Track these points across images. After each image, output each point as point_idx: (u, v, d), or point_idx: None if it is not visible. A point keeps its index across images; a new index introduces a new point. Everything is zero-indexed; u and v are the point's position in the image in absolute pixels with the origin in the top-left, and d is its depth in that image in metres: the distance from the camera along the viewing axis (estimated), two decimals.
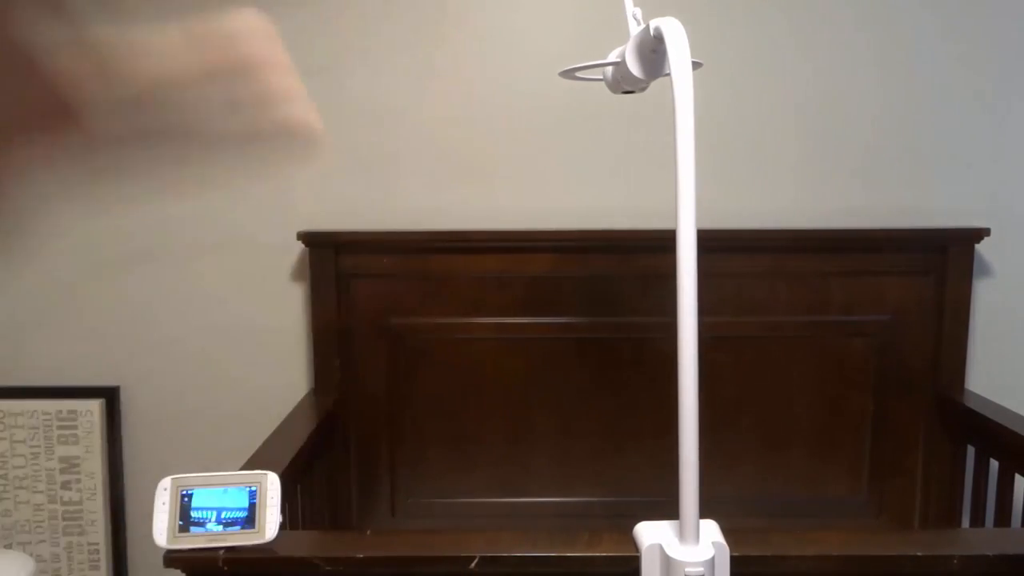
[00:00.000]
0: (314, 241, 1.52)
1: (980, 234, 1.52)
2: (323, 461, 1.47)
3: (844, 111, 1.56)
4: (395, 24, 1.53)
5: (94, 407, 1.60)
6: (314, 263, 1.52)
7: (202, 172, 0.42)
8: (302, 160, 1.56)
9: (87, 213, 1.58)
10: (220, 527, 0.84)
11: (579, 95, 1.53)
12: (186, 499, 0.85)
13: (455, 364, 1.57)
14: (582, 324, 1.56)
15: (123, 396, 1.63)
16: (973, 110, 1.56)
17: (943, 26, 1.53)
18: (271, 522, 0.85)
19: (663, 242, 0.74)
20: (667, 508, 0.78)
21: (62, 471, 1.60)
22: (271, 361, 1.62)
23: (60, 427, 1.60)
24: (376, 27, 1.53)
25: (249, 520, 0.85)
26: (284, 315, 1.61)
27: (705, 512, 0.76)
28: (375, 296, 1.54)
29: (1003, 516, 1.39)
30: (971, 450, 1.52)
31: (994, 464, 1.43)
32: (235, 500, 0.85)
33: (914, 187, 1.58)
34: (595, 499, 1.60)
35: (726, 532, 0.80)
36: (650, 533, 0.79)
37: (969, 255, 1.53)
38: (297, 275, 1.60)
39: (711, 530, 0.79)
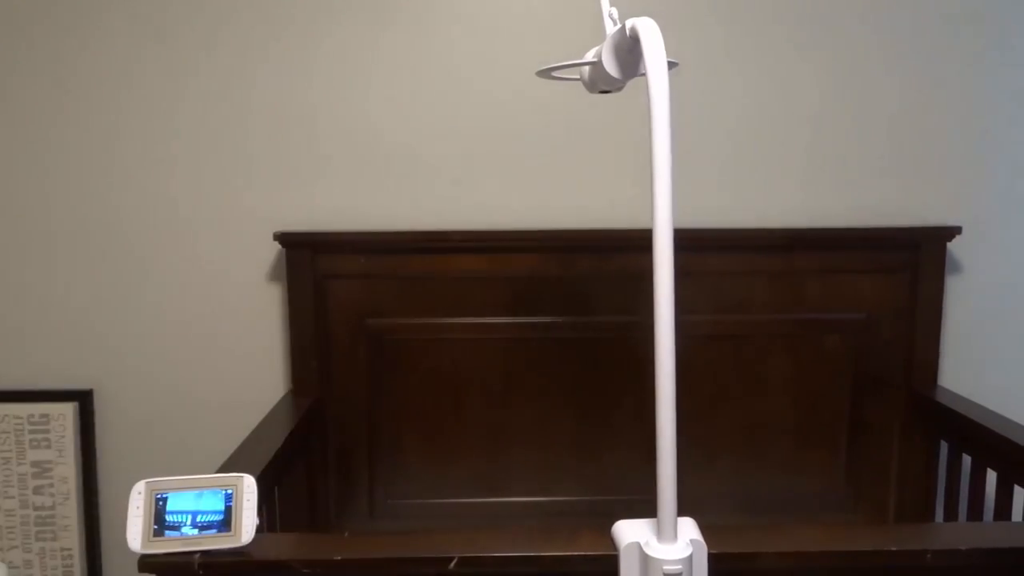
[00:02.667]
0: (291, 242, 1.51)
1: (951, 232, 1.54)
2: (301, 463, 1.46)
3: (819, 113, 1.57)
4: (375, 23, 1.53)
5: (67, 411, 1.57)
6: (291, 264, 1.51)
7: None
8: (279, 160, 1.55)
9: (58, 212, 1.56)
10: (196, 531, 0.83)
11: (558, 94, 1.53)
12: (161, 503, 0.84)
13: (434, 365, 1.56)
14: (562, 324, 1.56)
15: (97, 399, 1.61)
16: (945, 112, 1.58)
17: (918, 25, 1.55)
18: (247, 525, 0.84)
19: (642, 241, 0.74)
20: (646, 506, 0.79)
21: (34, 476, 1.58)
22: (248, 363, 1.61)
23: (32, 431, 1.57)
24: (355, 26, 1.53)
25: (225, 523, 0.84)
26: (261, 316, 1.59)
27: (684, 509, 0.77)
28: (353, 297, 1.54)
29: (975, 510, 1.41)
30: (944, 445, 1.54)
31: (967, 459, 1.45)
32: (211, 503, 0.84)
33: (888, 186, 1.59)
34: (575, 498, 1.60)
35: (704, 529, 0.80)
36: (628, 532, 0.79)
37: (941, 253, 1.55)
38: (274, 276, 1.58)
39: (689, 528, 0.80)
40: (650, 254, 0.70)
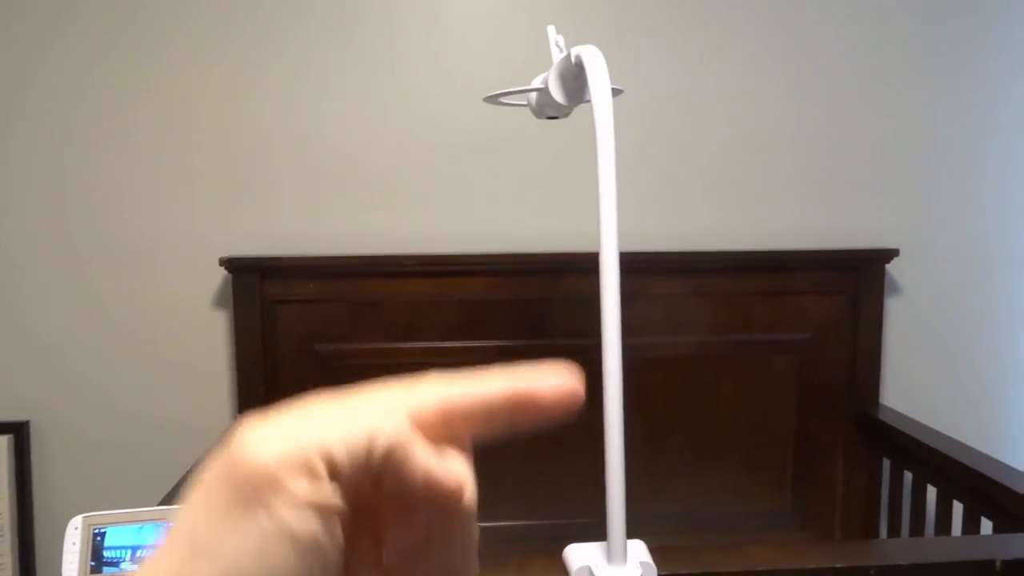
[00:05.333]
0: (237, 266, 1.48)
1: (890, 255, 1.59)
2: None
3: (761, 137, 1.61)
4: (325, 48, 1.52)
5: (1, 443, 1.51)
6: (237, 289, 1.49)
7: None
8: (229, 184, 1.53)
9: None
10: (135, 567, 0.80)
11: (506, 120, 1.55)
12: (99, 538, 0.81)
13: None
14: (515, 347, 1.56)
15: (33, 431, 1.55)
16: (884, 136, 1.63)
17: (855, 54, 1.61)
18: None
19: (590, 264, 0.75)
20: (599, 529, 0.79)
21: None
22: (192, 391, 1.57)
23: None
24: (305, 50, 1.52)
25: None
26: (206, 343, 1.56)
27: (637, 531, 0.77)
28: (302, 322, 1.52)
29: (917, 525, 1.44)
30: (887, 462, 1.58)
31: (908, 475, 1.49)
32: (151, 538, 0.82)
33: (829, 209, 1.64)
34: (527, 522, 1.60)
35: (654, 551, 0.80)
36: (579, 555, 0.79)
37: (880, 274, 1.60)
38: (219, 302, 1.56)
39: (639, 550, 0.80)
40: (598, 277, 0.71)
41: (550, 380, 0.26)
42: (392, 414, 0.23)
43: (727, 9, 1.58)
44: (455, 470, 0.24)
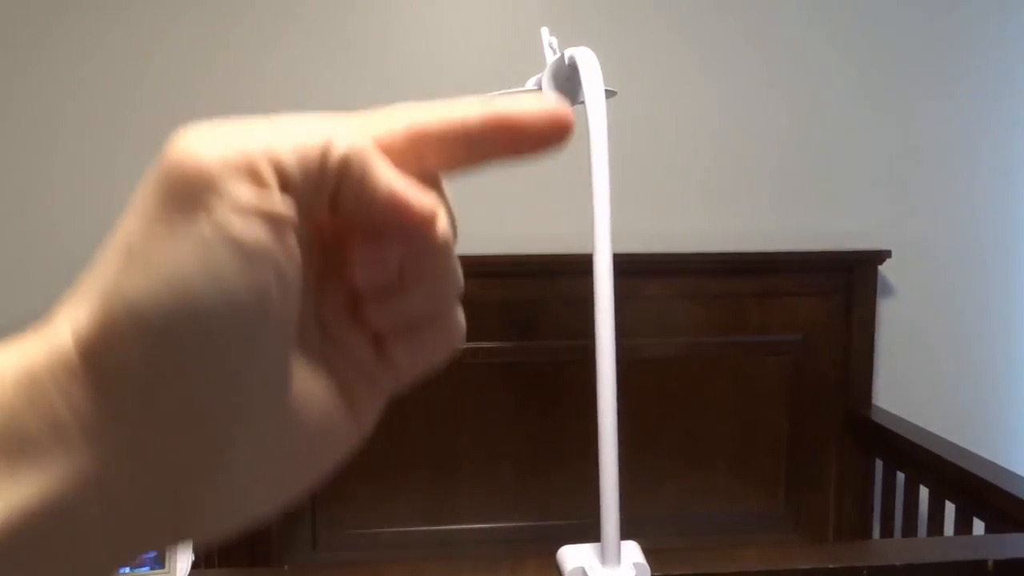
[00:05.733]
0: None
1: (882, 256, 1.60)
2: None
3: (753, 139, 1.62)
4: (317, 49, 1.52)
5: None
6: None
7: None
8: None
9: None
10: (127, 569, 0.80)
11: None
12: None
13: None
14: (505, 348, 1.56)
15: None
16: (876, 138, 1.64)
17: (847, 57, 1.62)
18: (182, 562, 0.81)
19: (584, 266, 0.75)
20: (593, 530, 0.79)
21: None
22: None
23: None
24: (299, 50, 1.52)
25: (158, 560, 0.81)
26: None
27: (630, 532, 0.77)
28: None
29: (910, 525, 1.44)
30: (879, 463, 1.58)
31: (901, 476, 1.49)
32: None
33: (822, 211, 1.64)
34: (522, 524, 1.60)
35: (647, 552, 0.80)
36: (573, 557, 0.79)
37: (873, 276, 1.60)
38: None
39: (632, 551, 0.80)
40: (590, 278, 0.71)
41: (535, 104, 0.22)
42: (351, 128, 0.21)
43: (720, 12, 1.58)
44: (424, 195, 0.22)
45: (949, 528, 1.32)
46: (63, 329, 0.19)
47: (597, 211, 0.70)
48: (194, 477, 0.20)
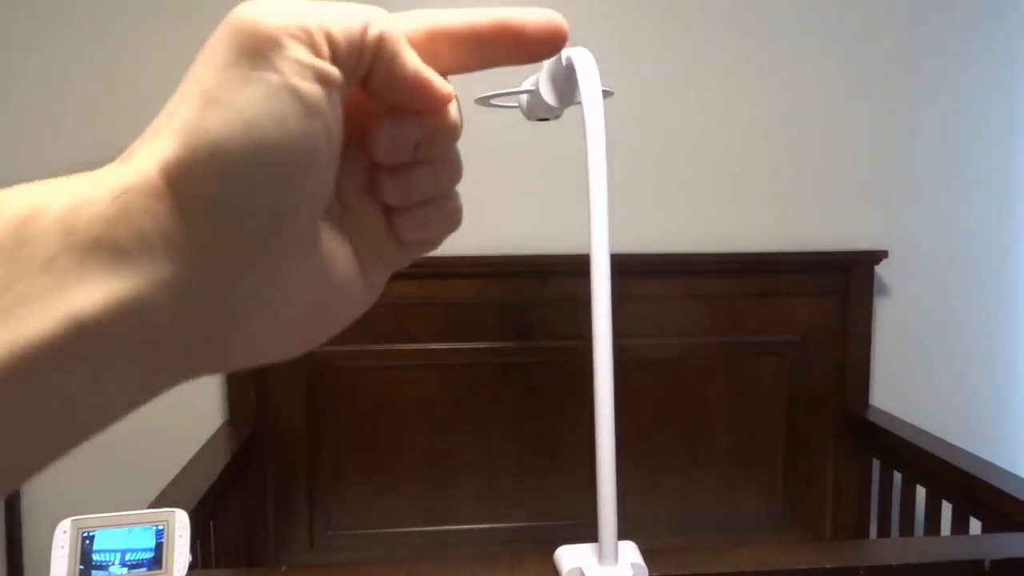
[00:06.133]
0: None
1: (879, 256, 1.60)
2: (238, 495, 1.42)
3: (750, 140, 1.62)
4: None
5: None
6: None
7: None
8: None
9: None
10: (124, 570, 0.80)
11: (496, 122, 1.54)
12: (88, 541, 0.81)
13: (375, 392, 1.54)
14: (504, 349, 1.56)
15: None
16: (873, 138, 1.64)
17: (843, 58, 1.62)
18: (179, 562, 0.81)
19: (581, 266, 0.75)
20: (591, 530, 0.79)
21: None
22: (181, 394, 1.54)
23: None
24: None
25: (156, 561, 0.81)
26: None
27: (628, 532, 0.77)
28: None
29: (907, 525, 1.45)
30: (876, 463, 1.59)
31: (898, 476, 1.50)
32: (141, 540, 0.81)
33: (818, 211, 1.65)
34: (520, 524, 1.60)
35: (645, 552, 0.80)
36: (570, 557, 0.79)
37: (869, 276, 1.60)
38: None
39: (630, 551, 0.80)
40: (588, 279, 0.71)
41: (536, 15, 0.26)
42: (385, 17, 0.24)
43: (718, 13, 1.58)
44: (443, 80, 0.26)
45: (946, 528, 1.32)
46: (147, 161, 0.22)
47: (594, 211, 0.70)
48: (247, 299, 0.24)
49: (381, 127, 0.26)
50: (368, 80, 0.24)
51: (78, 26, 1.49)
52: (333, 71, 0.23)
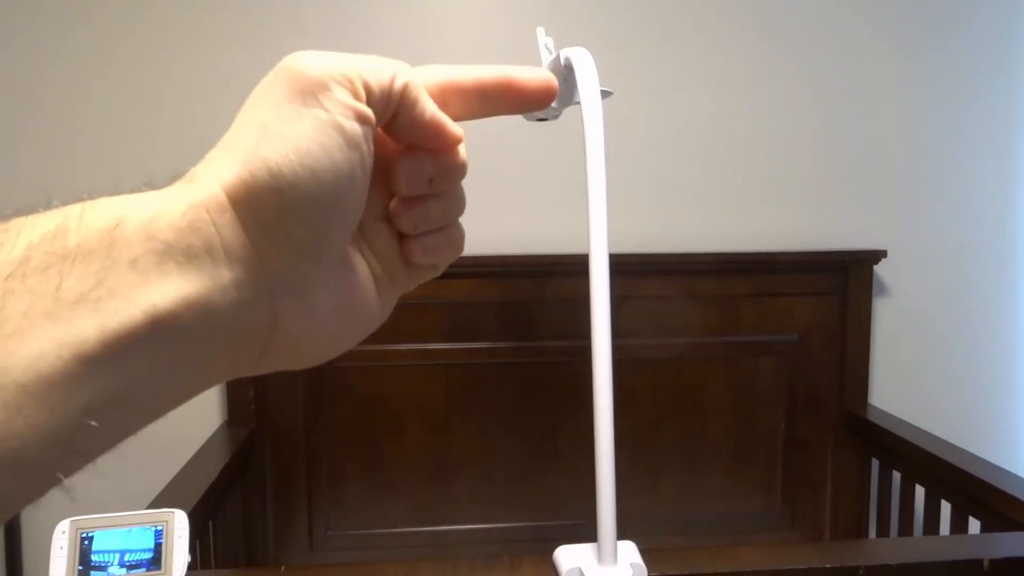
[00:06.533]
0: None
1: (878, 256, 1.60)
2: (237, 496, 1.42)
3: (749, 139, 1.62)
4: (314, 47, 1.52)
5: None
6: None
7: None
8: None
9: None
10: (123, 570, 0.80)
11: (495, 122, 1.54)
12: (86, 542, 0.80)
13: (374, 392, 1.54)
14: (502, 349, 1.56)
15: None
16: (871, 138, 1.64)
17: (842, 58, 1.62)
18: (178, 563, 0.81)
19: (579, 266, 0.75)
20: (590, 530, 0.79)
21: None
22: None
23: None
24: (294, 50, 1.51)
25: (155, 561, 0.81)
26: None
27: (627, 532, 0.77)
28: None
29: (906, 524, 1.45)
30: (875, 462, 1.59)
31: (896, 475, 1.50)
32: (140, 541, 0.81)
33: (817, 211, 1.65)
34: (519, 524, 1.60)
35: (644, 552, 0.80)
36: (569, 557, 0.79)
37: (868, 276, 1.61)
38: None
39: (629, 551, 0.80)
40: (587, 279, 0.71)
41: (532, 74, 0.31)
42: (411, 72, 0.29)
43: (717, 13, 1.58)
44: (454, 124, 0.30)
45: (945, 527, 1.32)
46: (211, 182, 0.25)
47: (593, 211, 0.70)
48: (291, 301, 0.27)
49: (402, 163, 0.30)
50: (392, 122, 0.28)
51: (94, 35, 1.49)
52: (369, 112, 0.27)
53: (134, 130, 1.51)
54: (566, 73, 0.79)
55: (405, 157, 0.30)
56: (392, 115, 0.28)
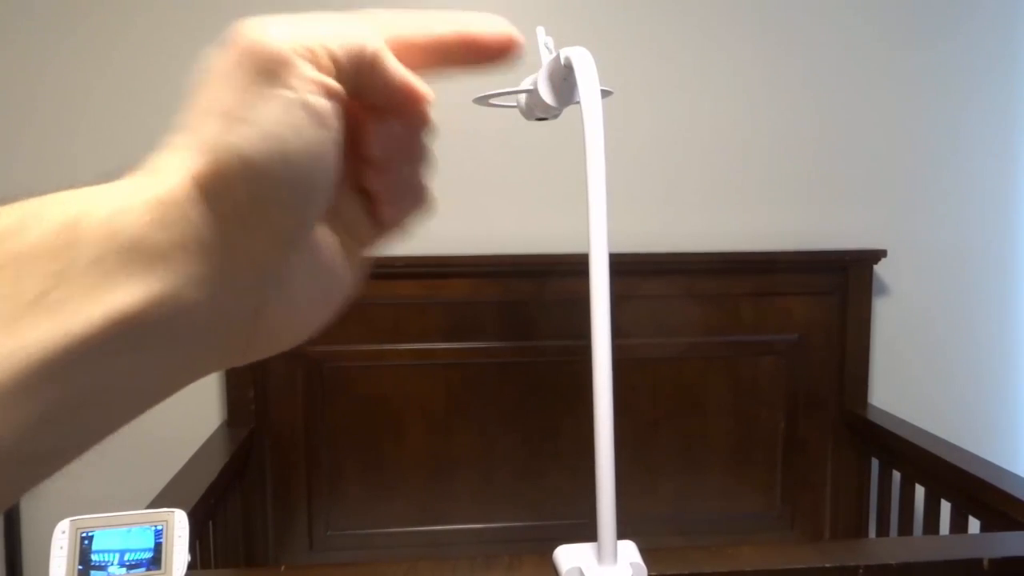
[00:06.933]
0: None
1: (877, 255, 1.60)
2: (237, 495, 1.42)
3: (749, 139, 1.62)
4: None
5: None
6: None
7: None
8: None
9: None
10: (123, 570, 0.80)
11: (495, 121, 1.55)
12: (86, 542, 0.80)
13: (374, 392, 1.54)
14: (502, 348, 1.56)
15: None
16: (871, 137, 1.64)
17: (843, 57, 1.62)
18: (178, 562, 0.81)
19: (579, 266, 0.75)
20: (590, 530, 0.79)
21: None
22: (180, 394, 1.54)
23: None
24: None
25: (155, 561, 0.81)
26: None
27: (627, 532, 0.77)
28: None
29: (905, 524, 1.45)
30: (875, 462, 1.59)
31: (896, 475, 1.50)
32: (140, 540, 0.81)
33: (817, 211, 1.65)
34: (518, 524, 1.60)
35: (644, 552, 0.80)
36: (569, 556, 0.79)
37: (868, 275, 1.61)
38: None
39: (629, 551, 0.80)
40: (587, 278, 0.71)
41: (493, 26, 0.30)
42: (373, 31, 0.27)
43: (717, 13, 1.58)
44: (423, 83, 0.28)
45: (945, 527, 1.32)
46: (178, 173, 0.24)
47: (593, 211, 0.70)
48: (272, 290, 0.26)
49: (374, 128, 0.28)
50: (359, 87, 0.26)
51: (92, 32, 1.49)
52: (338, 86, 0.25)
53: (134, 130, 1.51)
54: (566, 73, 0.79)
55: (375, 122, 0.28)
56: (362, 82, 0.26)
